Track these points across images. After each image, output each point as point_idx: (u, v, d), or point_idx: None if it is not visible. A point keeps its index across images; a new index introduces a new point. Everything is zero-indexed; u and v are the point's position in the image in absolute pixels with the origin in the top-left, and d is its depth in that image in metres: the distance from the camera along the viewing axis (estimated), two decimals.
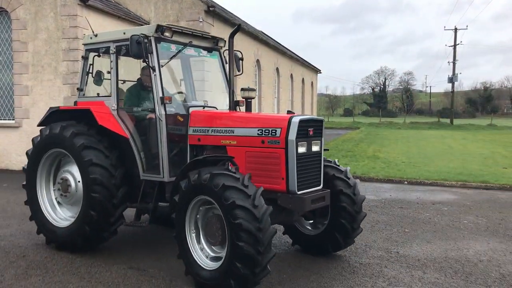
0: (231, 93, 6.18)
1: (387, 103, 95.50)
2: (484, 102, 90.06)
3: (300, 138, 5.26)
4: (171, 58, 6.35)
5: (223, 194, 4.69)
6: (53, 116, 6.76)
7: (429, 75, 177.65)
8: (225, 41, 6.77)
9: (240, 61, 6.97)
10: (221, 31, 18.83)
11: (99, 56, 6.79)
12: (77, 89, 7.01)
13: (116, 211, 6.15)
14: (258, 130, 5.41)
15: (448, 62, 52.65)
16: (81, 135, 6.18)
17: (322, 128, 5.69)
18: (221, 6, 20.15)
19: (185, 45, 6.39)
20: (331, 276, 5.61)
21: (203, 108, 6.41)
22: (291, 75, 32.15)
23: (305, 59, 37.14)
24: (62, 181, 6.57)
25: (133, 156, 6.21)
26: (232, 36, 6.01)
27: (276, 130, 5.28)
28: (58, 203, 6.79)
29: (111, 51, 6.47)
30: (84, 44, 6.91)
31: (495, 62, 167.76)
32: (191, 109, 6.20)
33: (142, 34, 5.84)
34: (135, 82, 6.92)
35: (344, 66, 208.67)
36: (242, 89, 6.16)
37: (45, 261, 6.05)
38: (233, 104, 6.19)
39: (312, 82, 40.33)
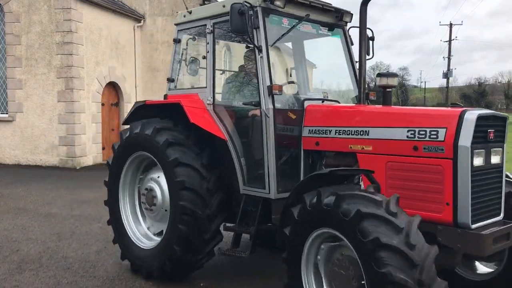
0: (363, 81, 4.68)
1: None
2: (478, 98, 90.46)
3: (477, 143, 3.60)
4: (283, 35, 4.84)
5: (359, 227, 3.12)
6: (139, 112, 5.51)
7: (424, 71, 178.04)
8: (352, 15, 5.47)
9: (371, 42, 5.24)
10: None
11: (194, 39, 5.62)
12: (168, 79, 5.82)
13: (211, 224, 4.80)
14: (408, 130, 3.84)
15: (443, 57, 52.79)
16: (165, 131, 4.99)
17: (506, 130, 3.94)
18: (216, 1, 20.07)
19: (300, 19, 4.96)
20: None
21: (322, 102, 5.04)
22: (286, 70, 32.06)
23: None
24: (147, 191, 5.34)
25: (231, 164, 4.91)
26: (365, 3, 4.50)
27: (437, 132, 3.67)
28: (143, 218, 5.63)
29: (207, 30, 5.20)
30: (176, 24, 5.72)
31: (490, 58, 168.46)
32: (306, 103, 4.81)
33: (246, 2, 4.49)
34: (236, 72, 5.73)
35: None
36: (380, 75, 4.63)
37: (38, 256, 6.02)
38: (364, 96, 4.71)
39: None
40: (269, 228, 4.70)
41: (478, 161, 3.65)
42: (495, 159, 3.82)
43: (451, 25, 52.68)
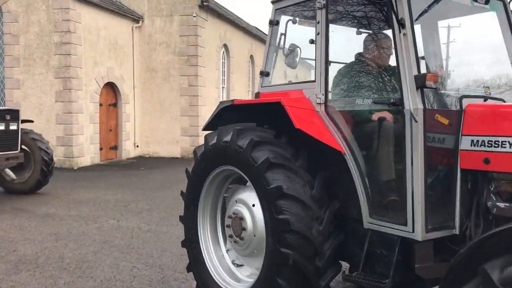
0: None
1: None
2: None
3: None
4: (430, 6, 3.47)
5: None
6: (225, 115, 4.26)
7: None
8: None
9: None
10: (215, 27, 18.78)
11: (294, 22, 4.39)
12: (261, 73, 4.58)
13: (321, 280, 3.55)
14: None
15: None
16: (265, 146, 3.70)
17: None
18: (214, 1, 20.06)
19: None
20: None
21: (484, 100, 3.60)
22: (285, 71, 32.08)
23: None
24: (234, 217, 4.01)
25: (349, 186, 3.60)
26: None
27: None
28: (225, 244, 4.41)
29: (317, 5, 3.85)
30: (273, 2, 4.44)
31: (488, 61, 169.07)
32: (464, 102, 3.42)
33: None
34: (351, 62, 4.20)
35: None
36: None
37: (35, 256, 6.01)
38: None
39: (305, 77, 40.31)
40: (412, 281, 3.41)
41: None
42: None
43: (449, 27, 52.87)
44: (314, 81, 3.93)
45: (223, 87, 20.58)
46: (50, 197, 9.86)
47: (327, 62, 3.85)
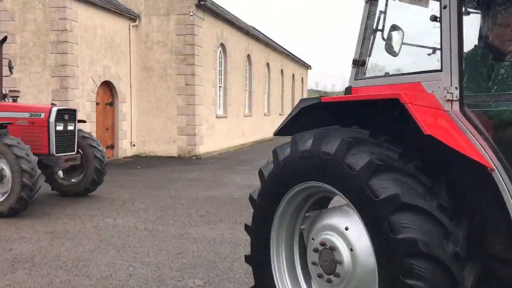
0: None
1: None
2: None
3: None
4: None
5: None
6: (305, 116, 3.28)
7: None
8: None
9: None
10: (212, 26, 18.77)
11: None
12: (354, 62, 3.55)
13: None
14: None
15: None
16: (363, 146, 2.77)
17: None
18: (211, 0, 20.05)
19: None
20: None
21: None
22: (282, 71, 32.15)
23: (296, 55, 37.19)
24: (322, 250, 3.01)
25: (494, 212, 2.66)
26: None
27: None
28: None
29: None
30: None
31: None
32: None
33: None
34: (473, 50, 3.14)
35: (339, 62, 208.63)
36: None
37: (32, 254, 6.00)
38: None
39: (302, 77, 40.38)
40: None
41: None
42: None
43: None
44: (441, 70, 2.88)
45: (220, 86, 20.59)
46: (46, 196, 9.84)
47: (461, 44, 2.80)
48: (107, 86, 16.52)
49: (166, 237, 6.87)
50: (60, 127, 9.05)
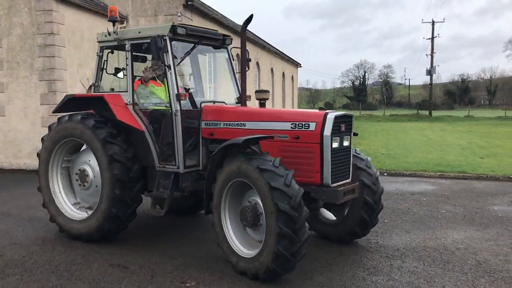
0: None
1: (366, 96, 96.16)
2: (461, 94, 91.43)
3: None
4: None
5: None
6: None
7: (408, 68, 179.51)
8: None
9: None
10: (201, 26, 18.71)
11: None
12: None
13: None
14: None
15: (426, 54, 53.39)
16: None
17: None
18: (200, 0, 19.97)
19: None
20: (312, 266, 5.66)
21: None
22: (272, 69, 32.15)
23: (285, 53, 37.19)
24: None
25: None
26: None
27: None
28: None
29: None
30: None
31: (475, 55, 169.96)
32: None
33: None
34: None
35: (330, 60, 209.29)
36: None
37: (23, 260, 5.96)
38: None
39: (292, 76, 40.41)
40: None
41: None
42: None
43: (433, 22, 53.19)
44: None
45: (209, 87, 20.53)
46: (37, 201, 9.74)
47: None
48: None
49: (159, 239, 6.85)
50: (335, 144, 5.63)
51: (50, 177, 7.11)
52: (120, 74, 7.15)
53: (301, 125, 5.50)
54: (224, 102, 6.99)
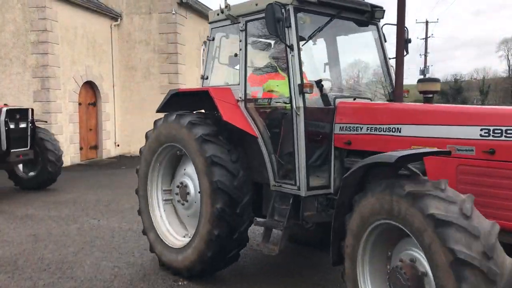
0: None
1: None
2: (454, 94, 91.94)
3: None
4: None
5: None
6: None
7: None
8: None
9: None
10: (195, 24, 18.70)
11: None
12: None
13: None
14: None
15: (420, 54, 53.74)
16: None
17: None
18: None
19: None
20: None
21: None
22: None
23: None
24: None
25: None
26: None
27: None
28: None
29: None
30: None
31: (469, 56, 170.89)
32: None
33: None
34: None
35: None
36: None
37: (14, 258, 5.94)
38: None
39: None
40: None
41: None
42: None
43: (427, 22, 53.50)
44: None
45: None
46: (29, 198, 9.73)
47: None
48: (90, 86, 16.36)
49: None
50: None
51: (149, 197, 5.68)
52: (237, 66, 5.41)
53: (499, 131, 3.30)
54: (369, 99, 5.11)
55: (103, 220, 7.95)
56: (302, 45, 4.72)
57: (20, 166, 10.77)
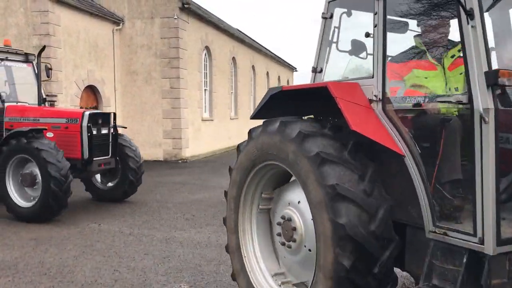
0: None
1: None
2: None
3: None
4: None
5: None
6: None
7: None
8: None
9: None
10: (197, 29, 18.77)
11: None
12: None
13: None
14: None
15: None
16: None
17: None
18: (196, 3, 20.02)
19: None
20: None
21: None
22: (267, 73, 32.22)
23: (281, 57, 37.33)
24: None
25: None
26: None
27: None
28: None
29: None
30: None
31: None
32: None
33: None
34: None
35: None
36: None
37: (15, 261, 5.94)
38: None
39: (288, 80, 40.51)
40: None
41: None
42: None
43: None
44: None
45: (205, 89, 20.56)
46: None
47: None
48: (91, 90, 16.39)
49: (152, 241, 6.84)
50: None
51: (241, 229, 4.17)
52: (363, 53, 3.90)
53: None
54: None
55: (104, 224, 7.95)
56: (486, 11, 3.22)
57: (98, 176, 9.81)
